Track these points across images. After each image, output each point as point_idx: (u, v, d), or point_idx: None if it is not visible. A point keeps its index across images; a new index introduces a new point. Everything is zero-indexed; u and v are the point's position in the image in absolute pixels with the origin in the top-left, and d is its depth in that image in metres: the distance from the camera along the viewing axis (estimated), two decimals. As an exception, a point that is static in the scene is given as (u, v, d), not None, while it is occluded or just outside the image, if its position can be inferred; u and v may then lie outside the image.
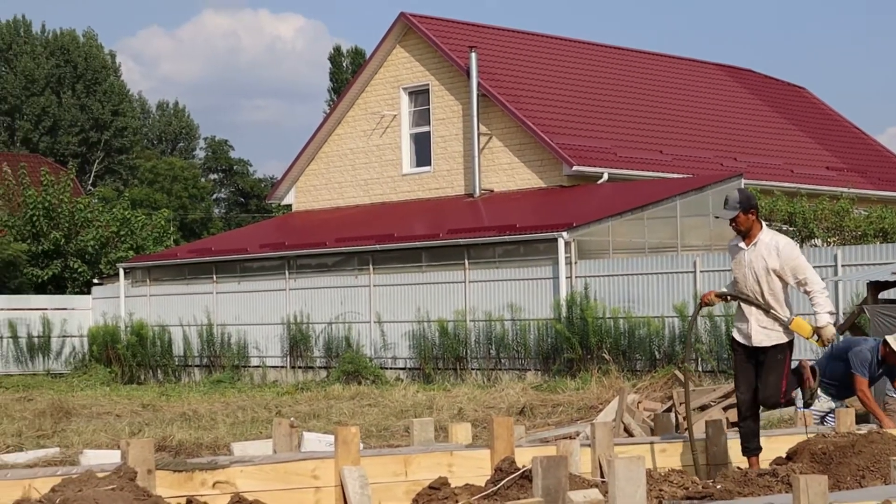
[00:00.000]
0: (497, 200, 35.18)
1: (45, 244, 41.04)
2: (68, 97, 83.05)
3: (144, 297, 37.51)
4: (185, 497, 9.45)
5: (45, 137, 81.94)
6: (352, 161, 39.40)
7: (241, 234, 42.47)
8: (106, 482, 8.63)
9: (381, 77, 38.81)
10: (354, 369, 31.10)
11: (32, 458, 16.78)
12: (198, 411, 23.92)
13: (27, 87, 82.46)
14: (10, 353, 37.81)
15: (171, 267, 37.47)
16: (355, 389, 28.14)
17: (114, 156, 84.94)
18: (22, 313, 38.11)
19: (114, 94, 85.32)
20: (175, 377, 35.81)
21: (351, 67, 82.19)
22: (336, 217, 38.22)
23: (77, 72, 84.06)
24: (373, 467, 10.44)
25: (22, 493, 9.22)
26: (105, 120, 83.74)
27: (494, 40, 39.48)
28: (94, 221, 42.48)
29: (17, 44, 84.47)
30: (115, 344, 36.69)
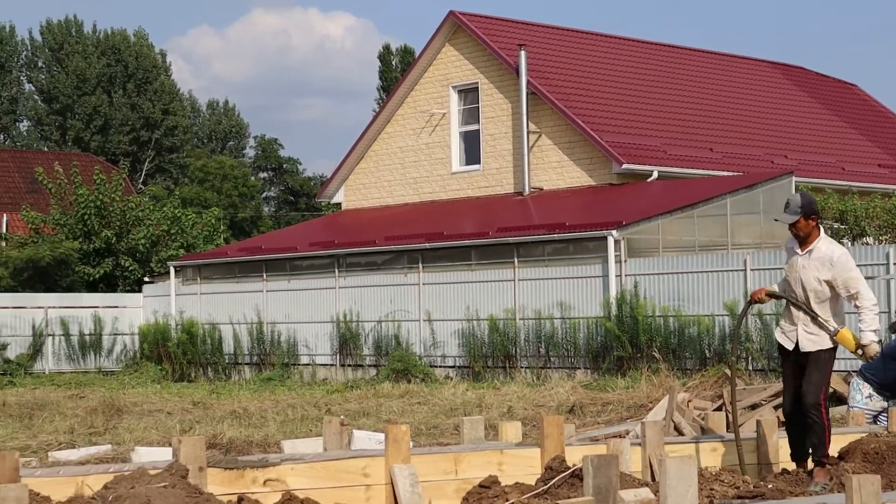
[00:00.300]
0: (546, 198, 35.12)
1: (97, 242, 41.25)
2: (119, 96, 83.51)
3: (195, 296, 37.67)
4: (237, 494, 9.48)
5: (97, 136, 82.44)
6: (401, 159, 39.44)
7: (290, 233, 42.57)
8: (158, 479, 8.67)
9: (430, 75, 38.82)
10: (404, 367, 31.12)
11: (84, 456, 16.87)
12: (248, 409, 23.98)
13: (79, 87, 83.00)
14: (62, 351, 38.05)
15: (222, 265, 37.61)
16: (405, 387, 28.14)
17: (164, 154, 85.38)
18: (74, 311, 38.33)
19: (164, 93, 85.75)
20: (225, 375, 35.93)
21: (400, 66, 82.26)
22: (385, 215, 38.26)
23: (128, 71, 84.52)
24: (423, 465, 10.44)
25: (75, 489, 9.27)
26: (156, 119, 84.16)
27: (544, 38, 39.41)
28: (145, 220, 42.69)
29: (68, 44, 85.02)
30: (166, 342, 36.84)
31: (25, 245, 41.66)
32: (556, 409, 22.06)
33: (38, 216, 43.38)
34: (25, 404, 26.10)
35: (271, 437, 18.63)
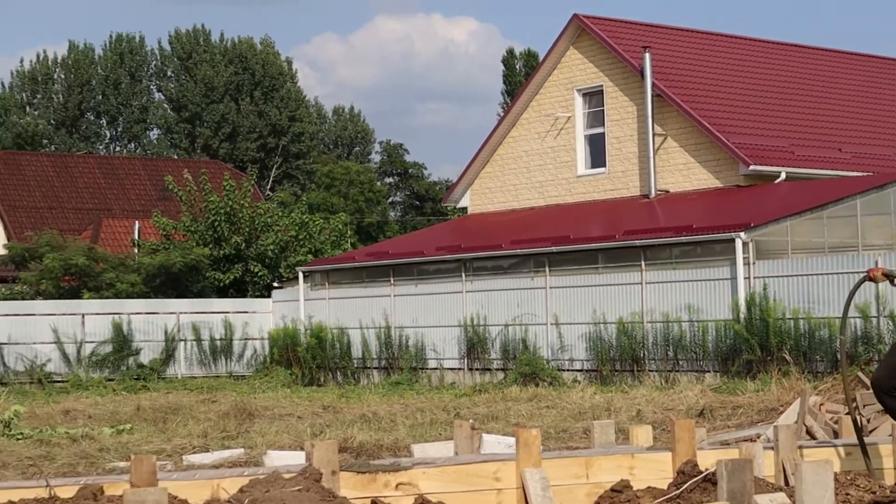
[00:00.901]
0: (673, 201, 34.89)
1: (227, 249, 41.73)
2: (247, 104, 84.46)
3: (323, 300, 37.96)
4: (370, 498, 9.53)
5: (225, 144, 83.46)
6: (526, 163, 39.41)
7: (417, 237, 42.70)
8: (292, 483, 8.75)
9: (554, 79, 38.75)
10: (531, 371, 31.09)
11: (218, 459, 17.09)
12: (377, 413, 24.11)
13: (207, 95, 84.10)
14: (193, 356, 38.55)
15: (350, 270, 37.85)
16: (532, 391, 28.10)
17: (291, 161, 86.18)
18: (205, 317, 38.82)
19: (291, 100, 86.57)
20: (354, 379, 36.16)
21: (524, 70, 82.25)
22: (511, 219, 38.26)
23: (255, 79, 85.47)
24: (554, 469, 10.42)
25: (210, 493, 9.39)
26: (282, 126, 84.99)
27: (668, 40, 39.16)
28: (273, 226, 43.09)
29: (196, 53, 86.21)
30: (296, 346, 37.17)
31: (157, 252, 42.24)
32: (685, 413, 21.90)
33: (169, 223, 43.99)
34: (159, 408, 26.50)
35: (401, 440, 18.72)
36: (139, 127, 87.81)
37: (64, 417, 25.42)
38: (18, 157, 63.22)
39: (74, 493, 8.85)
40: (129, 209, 57.90)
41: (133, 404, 27.88)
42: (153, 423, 23.42)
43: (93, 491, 8.79)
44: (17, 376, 36.12)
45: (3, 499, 8.73)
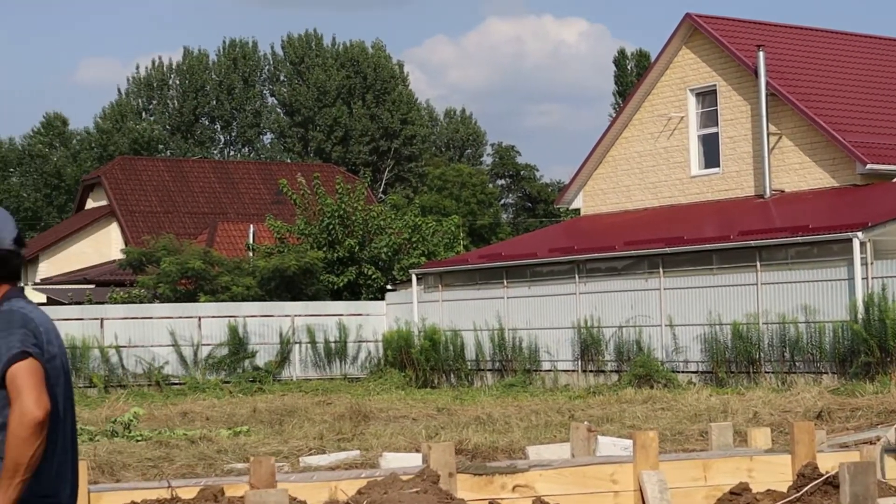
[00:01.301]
0: (788, 201, 34.50)
1: (341, 251, 41.97)
2: (359, 107, 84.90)
3: (437, 303, 38.05)
4: (487, 500, 9.54)
5: (338, 147, 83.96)
6: (639, 164, 39.20)
7: (530, 239, 42.65)
8: (410, 485, 8.79)
9: (667, 79, 38.51)
10: (646, 373, 30.92)
11: (334, 461, 17.18)
12: (491, 415, 24.09)
13: (319, 99, 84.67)
14: (308, 358, 38.80)
15: (463, 272, 37.90)
16: (647, 393, 27.93)
17: (403, 164, 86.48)
18: (319, 319, 39.06)
19: (402, 103, 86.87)
20: (468, 381, 36.19)
21: (636, 70, 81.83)
22: (624, 220, 38.08)
23: (367, 82, 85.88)
24: (671, 472, 10.37)
25: (329, 494, 9.46)
26: (394, 129, 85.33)
27: (782, 38, 38.74)
28: (386, 229, 43.26)
29: (309, 57, 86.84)
30: (409, 348, 37.28)
31: (272, 255, 42.57)
32: (802, 415, 21.64)
33: (284, 226, 44.33)
34: (275, 410, 26.70)
35: (516, 442, 18.69)
36: (253, 131, 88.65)
37: (182, 419, 25.72)
38: (135, 162, 64.08)
39: (195, 494, 8.97)
40: (244, 213, 58.44)
41: (249, 406, 28.13)
42: (269, 424, 23.62)
43: (213, 492, 8.90)
44: (135, 379, 36.61)
45: (127, 499, 8.86)
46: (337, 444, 19.93)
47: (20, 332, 5.11)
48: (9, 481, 4.99)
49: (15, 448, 4.97)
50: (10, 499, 5.01)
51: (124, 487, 9.69)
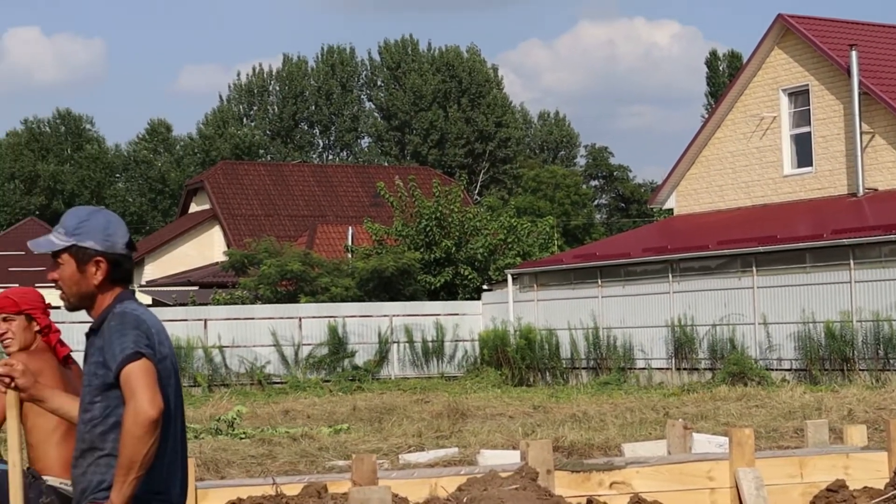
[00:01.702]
0: (881, 199, 34.05)
1: (437, 252, 42.04)
2: (454, 111, 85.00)
3: (532, 302, 38.00)
4: (585, 497, 9.52)
5: (434, 150, 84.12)
6: (732, 164, 38.88)
7: (623, 239, 42.48)
8: (509, 482, 8.79)
9: (759, 79, 38.17)
10: (739, 370, 30.68)
11: (433, 458, 17.22)
12: (587, 412, 24.03)
13: (416, 103, 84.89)
14: (406, 357, 38.91)
15: (557, 272, 37.81)
16: (741, 391, 27.71)
17: (498, 166, 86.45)
18: (417, 319, 39.15)
19: (497, 106, 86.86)
20: (563, 379, 36.12)
21: (727, 71, 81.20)
22: (717, 220, 37.80)
23: (462, 86, 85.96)
24: (767, 469, 10.28)
25: (429, 491, 9.48)
26: (489, 131, 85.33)
27: (874, 37, 38.25)
28: (482, 230, 43.26)
29: (405, 62, 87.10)
30: (505, 347, 37.28)
31: (370, 256, 42.73)
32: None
33: (382, 228, 44.48)
34: (374, 408, 26.80)
35: (611, 440, 18.63)
36: (351, 136, 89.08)
37: (283, 417, 25.89)
38: (237, 167, 64.59)
39: (299, 490, 9.03)
40: (343, 215, 58.70)
41: (349, 404, 28.27)
42: (369, 422, 23.70)
43: (317, 489, 8.96)
44: (238, 378, 36.90)
45: (232, 496, 8.94)
46: (435, 441, 19.97)
47: (133, 334, 5.18)
48: (124, 478, 5.06)
49: (130, 446, 5.04)
50: (125, 495, 5.08)
51: (230, 484, 9.78)
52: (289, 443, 19.98)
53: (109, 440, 5.21)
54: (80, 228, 5.34)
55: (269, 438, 20.66)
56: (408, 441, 20.03)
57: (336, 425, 22.83)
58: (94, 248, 5.32)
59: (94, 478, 5.22)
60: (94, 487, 5.23)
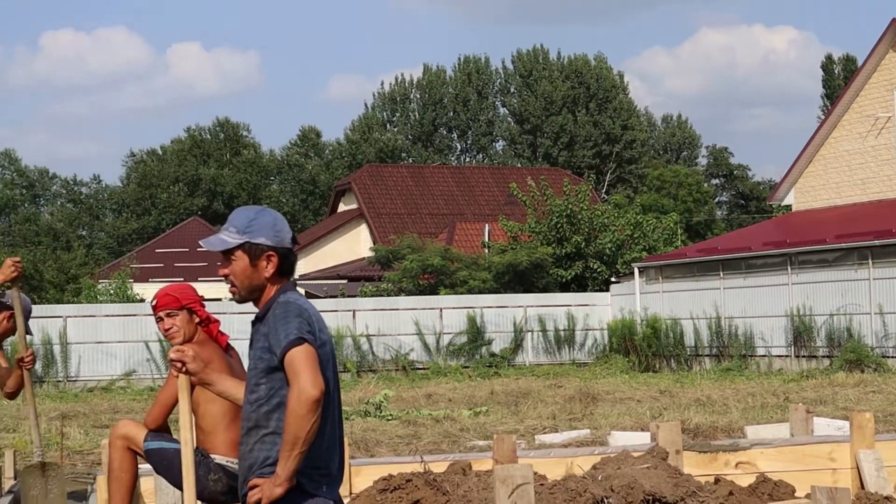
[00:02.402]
0: None
1: (568, 247, 41.92)
2: (582, 115, 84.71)
3: (657, 294, 37.71)
4: (713, 476, 9.42)
5: (563, 152, 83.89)
6: (848, 162, 38.19)
7: (744, 234, 41.97)
8: (641, 461, 8.73)
9: (874, 81, 37.44)
10: (856, 358, 30.17)
11: (566, 439, 17.16)
12: (710, 397, 23.79)
13: (546, 108, 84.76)
14: (539, 345, 38.85)
15: (681, 265, 37.49)
16: (858, 377, 27.24)
17: (624, 166, 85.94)
18: (549, 309, 39.05)
19: (623, 110, 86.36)
20: (687, 366, 35.81)
21: (843, 74, 79.80)
22: (834, 215, 37.16)
23: (590, 92, 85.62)
24: (887, 451, 10.09)
25: (565, 469, 9.45)
26: (616, 134, 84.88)
27: None
28: (609, 226, 43.03)
29: (536, 70, 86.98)
30: (632, 336, 37.07)
31: (505, 252, 42.72)
32: None
33: (515, 225, 44.46)
34: (510, 392, 26.78)
35: (734, 423, 18.41)
36: (486, 139, 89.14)
37: (426, 400, 25.98)
38: (381, 169, 65.00)
39: (445, 468, 9.06)
40: (479, 213, 58.73)
41: (487, 389, 28.28)
42: (506, 405, 23.69)
43: (462, 466, 8.98)
44: (384, 364, 37.12)
45: (384, 472, 9.00)
46: (568, 423, 19.90)
47: (296, 321, 5.23)
48: (288, 453, 5.12)
49: (294, 423, 5.10)
50: (289, 469, 5.14)
51: (380, 462, 9.84)
52: (432, 424, 20.06)
53: (273, 419, 5.27)
54: (251, 226, 5.40)
55: (414, 420, 20.76)
56: (542, 423, 20.00)
57: (475, 408, 22.86)
58: (265, 243, 5.38)
59: (260, 454, 5.29)
60: (261, 463, 5.29)
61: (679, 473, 8.52)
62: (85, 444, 18.34)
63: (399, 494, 8.40)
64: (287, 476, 5.13)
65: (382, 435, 18.37)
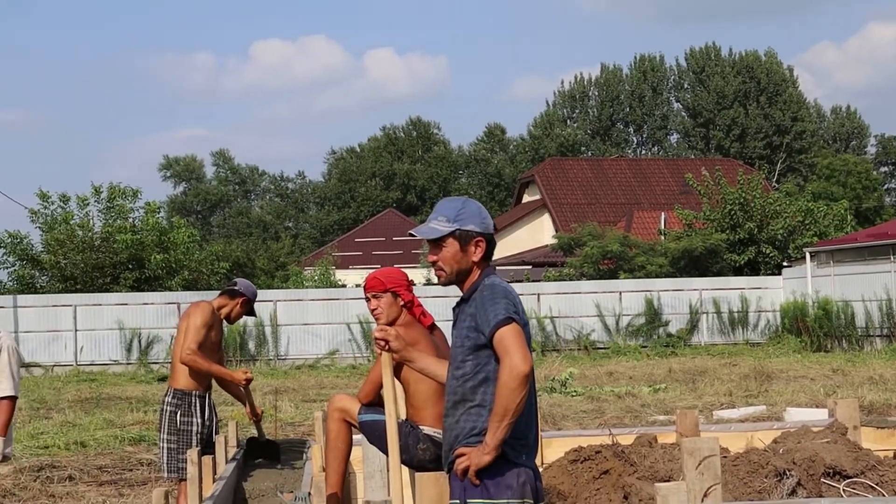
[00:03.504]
0: None
1: (741, 233, 41.25)
2: (753, 108, 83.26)
3: (828, 277, 36.82)
4: (892, 451, 9.15)
5: (735, 143, 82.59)
6: None
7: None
8: (820, 436, 8.52)
9: None
10: None
11: (742, 414, 16.90)
12: (883, 376, 23.17)
13: (719, 102, 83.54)
14: (714, 326, 38.31)
15: (851, 250, 36.54)
16: None
17: (794, 156, 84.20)
18: (722, 292, 38.48)
19: (793, 102, 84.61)
20: (858, 346, 34.91)
21: None
22: None
23: (760, 86, 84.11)
24: None
25: (745, 443, 9.29)
26: (786, 125, 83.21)
27: None
28: (781, 213, 42.21)
29: (709, 66, 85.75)
30: (804, 317, 36.31)
31: (680, 238, 42.27)
32: None
33: (690, 213, 43.93)
34: (687, 371, 26.50)
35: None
36: (661, 133, 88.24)
37: (608, 378, 25.87)
38: (562, 162, 64.82)
39: (632, 440, 8.98)
40: (655, 203, 58.13)
41: (665, 367, 28.03)
42: (683, 383, 23.45)
43: (647, 439, 8.89)
44: (566, 344, 37.03)
45: (573, 444, 8.96)
46: (744, 399, 19.60)
47: (503, 302, 5.24)
48: (498, 424, 5.13)
49: (505, 396, 5.11)
50: (498, 439, 5.16)
51: (569, 434, 9.81)
52: (614, 400, 19.96)
53: (479, 393, 5.29)
54: (460, 215, 5.43)
55: (597, 396, 20.69)
56: (719, 399, 19.74)
57: (655, 385, 22.68)
58: (474, 230, 5.41)
59: (467, 425, 5.31)
60: (467, 433, 5.32)
61: (858, 448, 8.29)
62: (296, 416, 18.72)
63: (589, 465, 8.36)
64: (495, 445, 5.15)
65: (568, 410, 18.36)
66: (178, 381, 9.45)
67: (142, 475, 13.51)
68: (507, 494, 5.21)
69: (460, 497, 5.26)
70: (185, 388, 9.42)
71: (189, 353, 9.27)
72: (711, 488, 6.81)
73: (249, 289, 9.75)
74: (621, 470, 8.22)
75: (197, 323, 9.40)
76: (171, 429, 9.39)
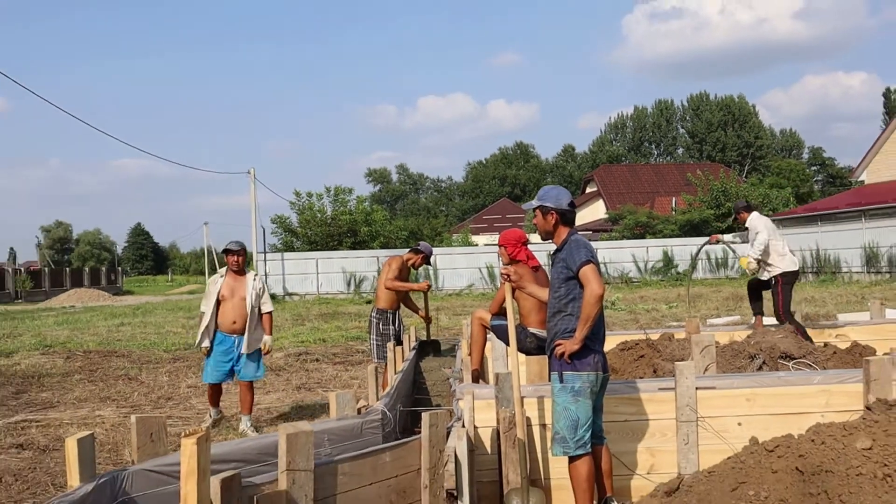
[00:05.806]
0: None
1: (722, 210, 39.95)
2: (730, 131, 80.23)
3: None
4: (822, 343, 8.86)
5: (719, 154, 79.65)
6: None
7: None
8: (777, 333, 8.29)
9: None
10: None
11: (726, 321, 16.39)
12: (814, 297, 22.28)
13: (708, 128, 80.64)
14: (706, 268, 36.84)
15: (793, 219, 34.85)
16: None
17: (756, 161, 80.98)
18: (711, 247, 37.18)
19: (755, 127, 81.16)
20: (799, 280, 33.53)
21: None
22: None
23: (735, 117, 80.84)
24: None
25: (729, 338, 9.04)
26: (751, 142, 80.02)
27: None
28: (748, 196, 40.72)
29: (702, 105, 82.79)
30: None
31: (685, 213, 40.89)
32: None
33: (690, 197, 42.52)
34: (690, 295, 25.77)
35: (830, 312, 17.19)
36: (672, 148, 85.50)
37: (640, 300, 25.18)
38: (610, 168, 63.08)
39: (658, 336, 8.87)
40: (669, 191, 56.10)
41: (675, 293, 27.19)
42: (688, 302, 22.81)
43: (668, 336, 8.78)
44: (613, 280, 36.11)
45: (620, 340, 8.89)
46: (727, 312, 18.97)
47: (584, 250, 5.24)
48: (583, 325, 5.16)
49: (588, 308, 5.12)
50: (583, 334, 5.18)
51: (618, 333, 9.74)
52: (644, 313, 19.59)
53: (569, 307, 5.29)
54: (542, 196, 5.44)
55: (634, 311, 20.30)
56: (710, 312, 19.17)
57: (670, 304, 22.21)
58: (549, 205, 5.37)
59: (562, 326, 5.32)
60: (562, 332, 5.33)
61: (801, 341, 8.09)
62: (449, 324, 18.86)
63: (631, 352, 8.32)
64: (581, 338, 5.17)
65: (616, 319, 18.12)
66: (380, 303, 9.61)
67: (359, 359, 13.84)
68: (587, 368, 5.23)
69: (558, 370, 5.30)
70: (384, 307, 9.57)
71: (391, 282, 9.46)
72: (709, 365, 6.73)
73: (428, 249, 9.86)
74: (652, 355, 8.16)
75: (394, 267, 9.57)
76: (376, 332, 9.57)
